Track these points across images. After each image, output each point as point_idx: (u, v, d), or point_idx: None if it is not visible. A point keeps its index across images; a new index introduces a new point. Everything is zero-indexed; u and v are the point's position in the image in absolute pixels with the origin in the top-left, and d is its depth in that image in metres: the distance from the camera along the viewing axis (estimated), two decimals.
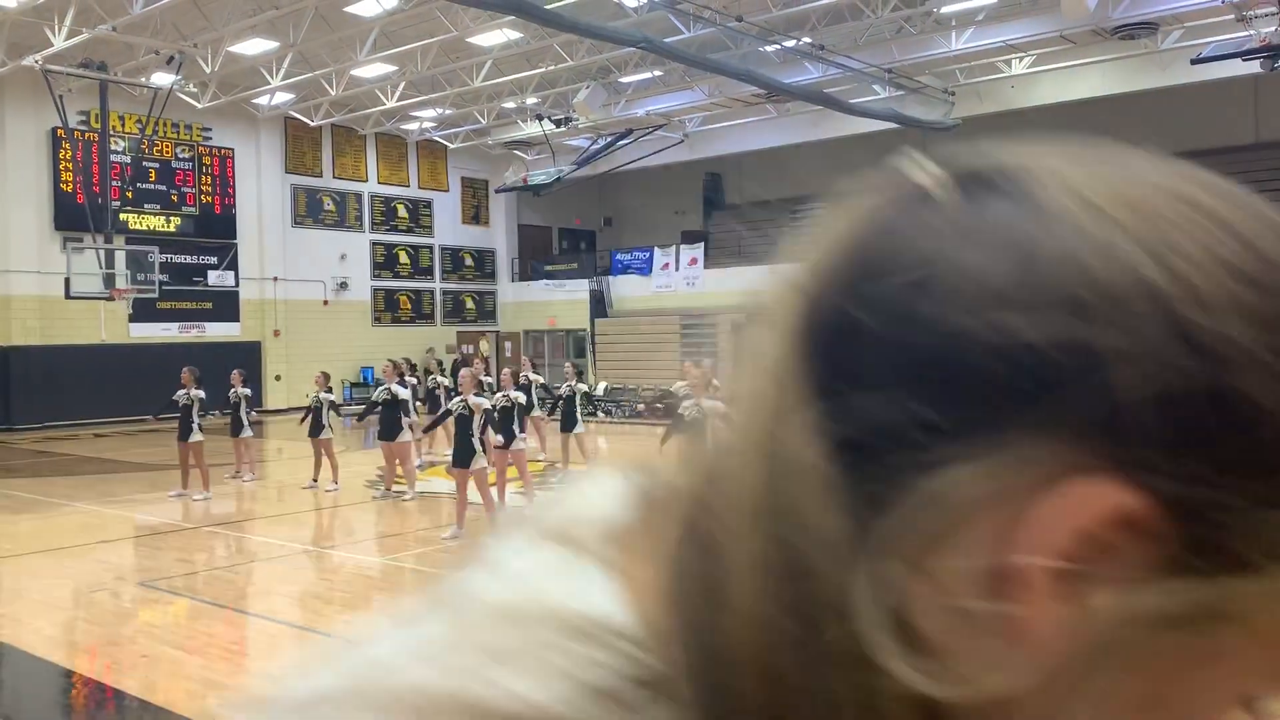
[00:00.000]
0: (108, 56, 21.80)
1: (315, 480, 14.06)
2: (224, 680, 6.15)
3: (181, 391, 13.36)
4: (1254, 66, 19.20)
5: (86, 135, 24.48)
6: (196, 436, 13.24)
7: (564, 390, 13.90)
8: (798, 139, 28.42)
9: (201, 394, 13.34)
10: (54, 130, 24.26)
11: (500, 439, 11.14)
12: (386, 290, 31.85)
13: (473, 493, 10.34)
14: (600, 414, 24.91)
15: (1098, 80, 23.05)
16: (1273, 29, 17.57)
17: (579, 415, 13.80)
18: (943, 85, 24.29)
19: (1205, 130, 25.48)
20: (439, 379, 16.77)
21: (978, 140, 0.38)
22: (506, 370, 12.04)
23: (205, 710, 5.61)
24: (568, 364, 14.60)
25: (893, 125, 24.65)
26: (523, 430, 11.53)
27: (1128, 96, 23.74)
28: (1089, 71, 22.89)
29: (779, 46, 21.62)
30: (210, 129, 27.45)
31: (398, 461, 13.09)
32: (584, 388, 14.22)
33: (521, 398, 11.60)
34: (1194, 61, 20.02)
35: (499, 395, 11.12)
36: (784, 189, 33.25)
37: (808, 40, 21.46)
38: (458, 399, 10.25)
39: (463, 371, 10.60)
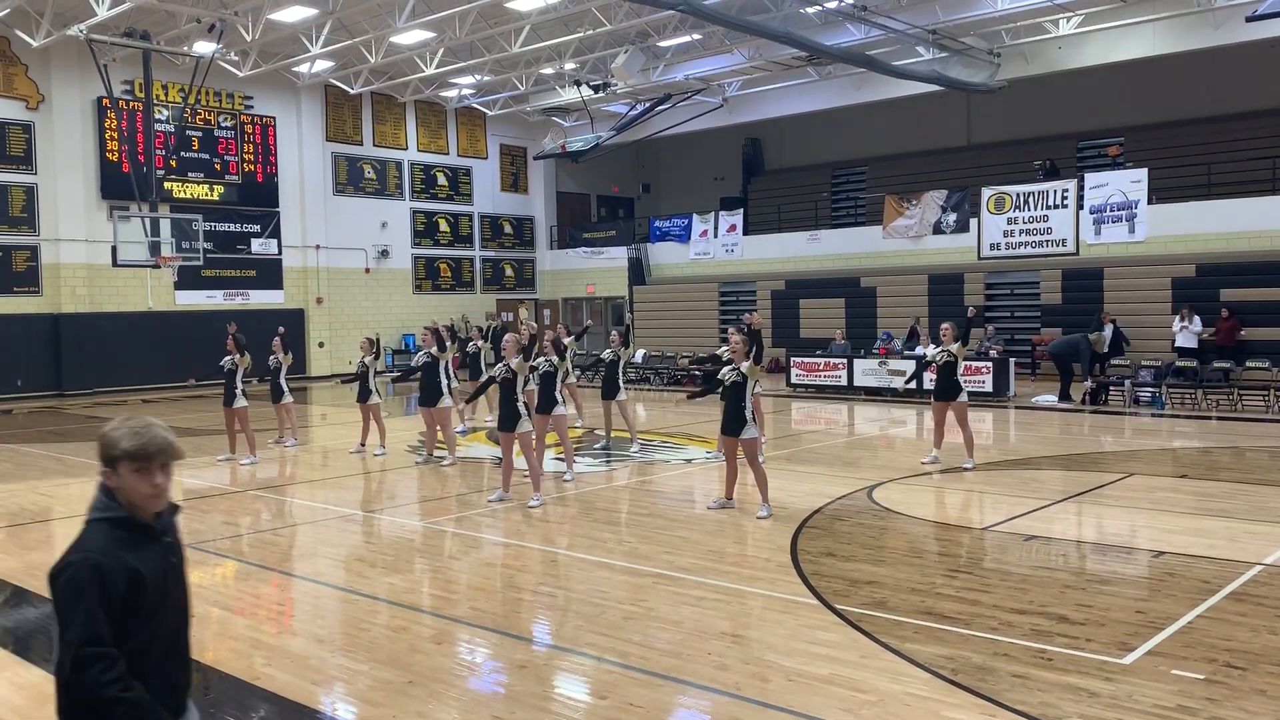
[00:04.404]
0: (150, 25, 22.00)
1: (363, 444, 14.24)
2: (270, 641, 6.27)
3: (227, 358, 13.57)
4: None
5: (131, 105, 24.76)
6: (241, 402, 13.46)
7: (608, 356, 13.89)
8: (839, 103, 28.05)
9: (246, 360, 13.55)
10: (99, 100, 24.55)
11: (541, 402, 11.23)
12: (427, 258, 32.03)
13: (518, 458, 10.41)
14: (638, 381, 24.93)
15: (1148, 40, 22.48)
16: None
17: (621, 382, 13.79)
18: (988, 46, 23.81)
19: (1260, 91, 24.83)
20: (479, 344, 16.84)
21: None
22: (550, 334, 12.03)
23: (252, 668, 5.73)
24: (613, 331, 14.55)
25: (937, 88, 24.26)
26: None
27: (1179, 57, 23.14)
28: (1139, 31, 22.33)
29: (820, 8, 21.31)
30: (252, 97, 27.64)
31: (439, 427, 13.20)
32: (628, 354, 14.20)
33: (561, 361, 11.62)
34: (1249, 19, 19.43)
35: (541, 360, 11.15)
36: (826, 154, 32.92)
37: (849, 1, 21.11)
38: (500, 364, 10.29)
39: (507, 336, 10.61)
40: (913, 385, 14.82)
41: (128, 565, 2.62)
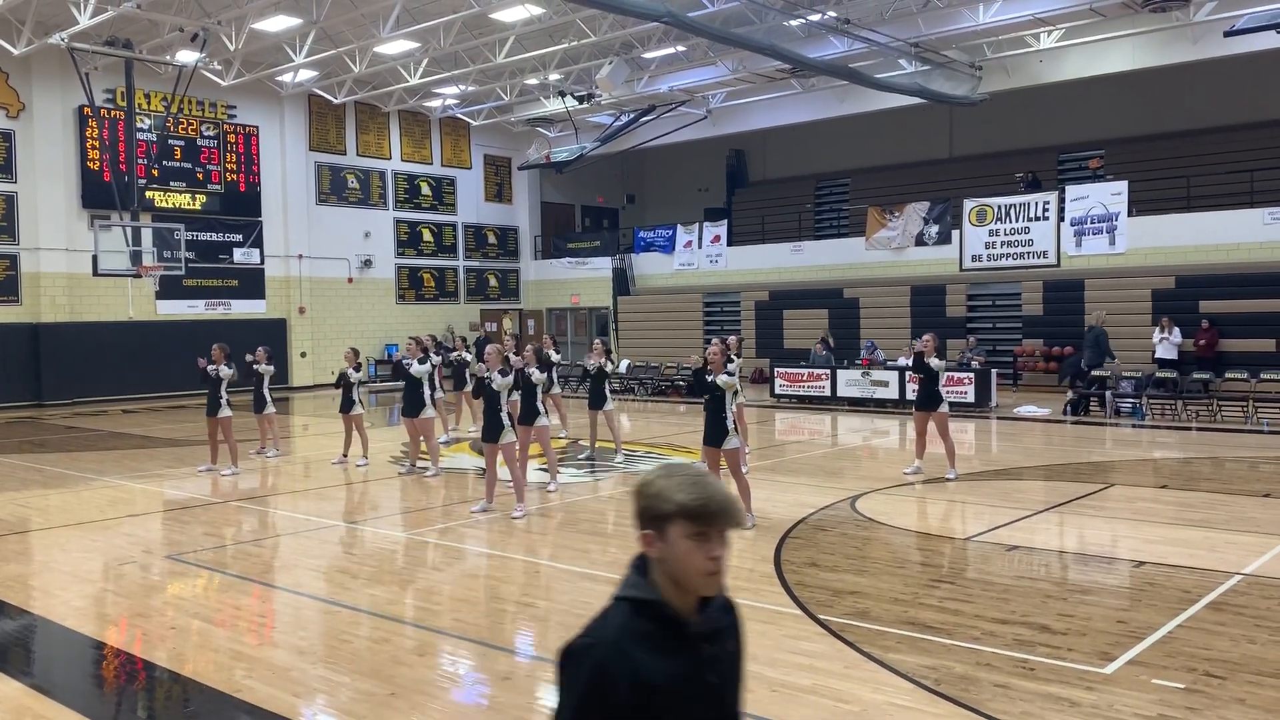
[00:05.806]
0: (133, 34, 21.90)
1: (345, 455, 14.18)
2: (251, 653, 6.23)
3: (211, 367, 13.49)
4: None
5: (113, 113, 24.64)
6: (225, 412, 13.38)
7: (592, 368, 13.90)
8: (823, 115, 28.18)
9: (232, 370, 13.49)
10: (80, 108, 24.42)
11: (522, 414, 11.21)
12: (410, 268, 31.96)
13: (501, 469, 10.40)
14: (622, 391, 24.91)
15: (1128, 54, 22.69)
16: None
17: (608, 393, 13.79)
18: (970, 60, 23.99)
19: (1238, 105, 25.11)
20: (464, 355, 16.81)
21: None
22: (529, 348, 12.00)
23: (233, 680, 5.69)
24: (596, 341, 14.58)
25: (919, 100, 24.43)
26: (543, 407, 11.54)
27: (1158, 71, 23.37)
28: (1119, 45, 22.54)
29: (803, 20, 21.42)
30: (235, 107, 27.55)
31: (422, 438, 13.16)
32: (612, 365, 14.21)
33: (540, 375, 11.61)
34: (1227, 34, 19.65)
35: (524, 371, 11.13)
36: (809, 165, 33.06)
37: (833, 14, 21.25)
38: (485, 371, 10.28)
39: (489, 347, 10.60)
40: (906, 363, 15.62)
41: (638, 674, 2.04)
